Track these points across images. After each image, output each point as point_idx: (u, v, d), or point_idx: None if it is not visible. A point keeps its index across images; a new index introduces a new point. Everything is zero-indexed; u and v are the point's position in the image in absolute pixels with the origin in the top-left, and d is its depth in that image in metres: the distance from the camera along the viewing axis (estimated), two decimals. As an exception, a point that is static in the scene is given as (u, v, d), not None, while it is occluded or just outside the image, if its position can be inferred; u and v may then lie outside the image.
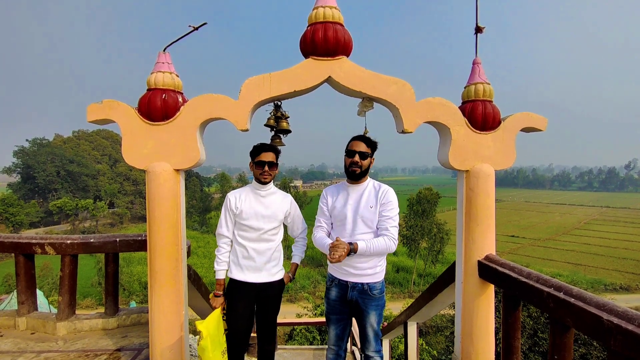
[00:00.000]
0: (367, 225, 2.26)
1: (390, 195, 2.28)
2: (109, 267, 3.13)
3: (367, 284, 2.28)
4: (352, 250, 2.12)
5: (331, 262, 2.10)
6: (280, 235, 2.54)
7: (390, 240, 2.20)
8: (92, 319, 3.09)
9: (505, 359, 2.11)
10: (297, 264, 2.68)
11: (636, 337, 1.22)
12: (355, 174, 2.31)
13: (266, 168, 2.40)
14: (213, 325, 2.26)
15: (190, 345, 2.89)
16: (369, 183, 2.37)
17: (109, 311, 3.15)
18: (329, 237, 2.38)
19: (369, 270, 2.27)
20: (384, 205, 2.25)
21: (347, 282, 2.32)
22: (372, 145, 2.34)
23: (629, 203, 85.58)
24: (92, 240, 3.03)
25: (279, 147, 2.63)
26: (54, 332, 2.96)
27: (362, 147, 2.29)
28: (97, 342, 2.85)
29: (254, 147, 2.44)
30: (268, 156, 2.41)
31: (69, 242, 2.99)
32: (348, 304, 2.36)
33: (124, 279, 27.63)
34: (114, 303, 3.18)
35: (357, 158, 2.27)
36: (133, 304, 16.91)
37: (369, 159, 2.31)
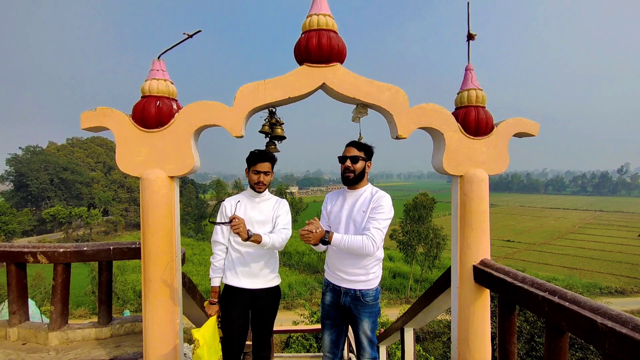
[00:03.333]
0: (358, 229, 2.25)
1: (382, 200, 2.24)
2: (103, 276, 3.10)
3: (359, 290, 2.27)
4: (326, 237, 2.08)
5: (301, 235, 2.07)
6: None
7: (369, 240, 2.09)
8: (85, 328, 3.04)
9: (501, 364, 2.10)
10: (261, 239, 2.18)
11: (630, 340, 1.23)
12: (349, 179, 2.31)
13: (261, 178, 2.40)
14: (209, 333, 2.23)
15: (185, 354, 2.85)
16: (367, 189, 2.36)
17: (102, 320, 3.11)
18: None
19: (361, 277, 2.26)
20: (373, 209, 2.23)
21: (340, 287, 2.32)
22: (365, 149, 2.34)
23: (622, 207, 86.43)
24: (85, 249, 3.00)
25: (275, 154, 2.63)
26: (45, 343, 2.91)
27: (352, 151, 2.31)
28: (90, 352, 2.81)
29: (251, 154, 2.43)
30: (263, 166, 2.40)
31: (61, 250, 2.95)
32: (341, 309, 2.35)
33: (118, 287, 27.27)
34: (107, 312, 3.14)
35: (348, 163, 2.29)
36: (127, 313, 16.70)
37: (362, 162, 2.31)
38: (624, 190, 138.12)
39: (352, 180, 2.31)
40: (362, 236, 2.12)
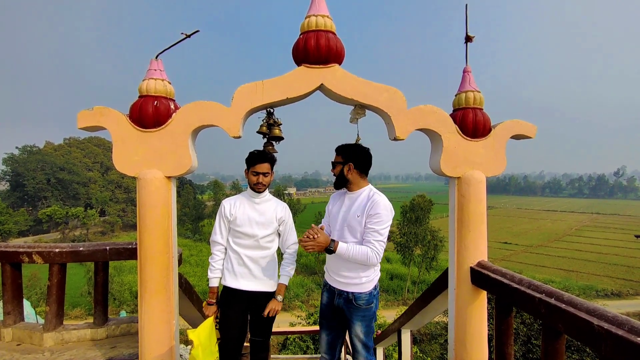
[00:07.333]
0: (352, 234, 2.22)
1: (378, 207, 2.14)
2: (99, 276, 3.08)
3: (352, 293, 2.24)
4: (331, 246, 2.09)
5: (303, 246, 2.09)
6: (275, 244, 2.51)
7: (373, 253, 2.10)
8: (81, 329, 3.02)
9: (498, 366, 2.10)
10: (286, 285, 2.51)
11: (626, 342, 1.23)
12: (334, 184, 2.38)
13: (260, 179, 2.39)
14: (205, 334, 2.22)
15: (181, 355, 2.84)
16: (364, 191, 2.29)
17: (97, 321, 3.09)
18: None
19: (354, 280, 2.22)
20: (370, 217, 2.15)
21: (334, 288, 2.32)
22: (343, 151, 2.31)
23: (618, 209, 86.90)
24: (81, 249, 2.98)
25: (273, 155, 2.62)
26: (40, 343, 2.89)
27: (336, 158, 2.35)
28: (85, 353, 2.79)
29: (250, 154, 2.42)
30: (262, 167, 2.39)
31: (57, 250, 2.93)
32: (335, 310, 2.35)
33: (115, 288, 27.15)
34: (103, 313, 3.11)
35: (332, 170, 2.36)
36: (123, 314, 16.61)
37: (339, 166, 2.30)
38: (621, 193, 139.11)
39: (336, 184, 2.37)
40: (366, 248, 2.11)
